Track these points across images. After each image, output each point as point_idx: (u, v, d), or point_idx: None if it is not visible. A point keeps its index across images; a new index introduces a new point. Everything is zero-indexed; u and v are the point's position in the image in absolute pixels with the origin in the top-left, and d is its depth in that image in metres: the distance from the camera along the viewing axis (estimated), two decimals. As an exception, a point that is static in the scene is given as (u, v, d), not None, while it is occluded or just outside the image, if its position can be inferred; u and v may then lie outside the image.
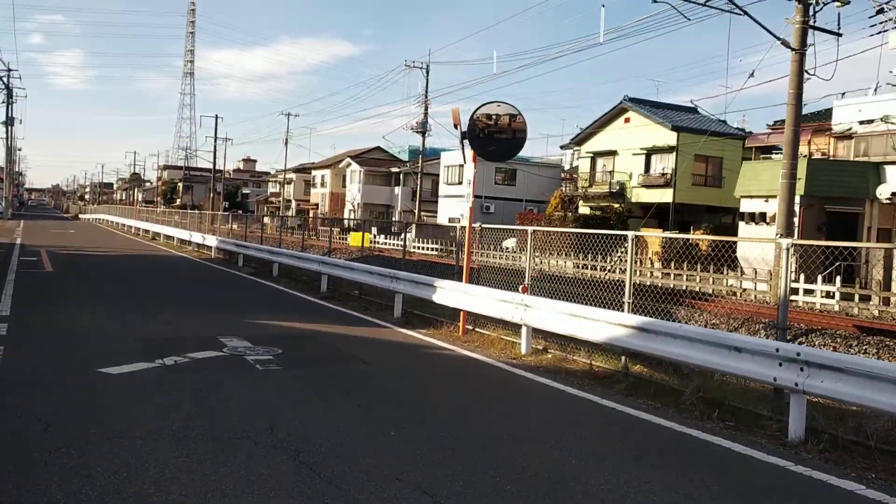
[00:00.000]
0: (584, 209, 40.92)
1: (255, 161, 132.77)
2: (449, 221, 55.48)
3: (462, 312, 11.23)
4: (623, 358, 8.48)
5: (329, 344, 10.18)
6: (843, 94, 28.74)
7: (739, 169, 37.98)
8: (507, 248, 45.45)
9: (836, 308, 20.56)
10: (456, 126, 11.71)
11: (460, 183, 58.01)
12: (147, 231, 42.38)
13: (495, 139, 11.13)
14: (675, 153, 35.67)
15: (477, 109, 11.09)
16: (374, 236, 49.42)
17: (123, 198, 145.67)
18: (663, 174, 36.62)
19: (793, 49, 16.02)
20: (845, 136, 28.21)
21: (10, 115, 58.15)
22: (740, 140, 37.14)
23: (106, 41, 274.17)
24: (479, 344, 10.49)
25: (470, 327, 11.36)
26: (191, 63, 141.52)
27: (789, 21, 16.21)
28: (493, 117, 11.06)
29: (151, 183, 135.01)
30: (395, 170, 68.07)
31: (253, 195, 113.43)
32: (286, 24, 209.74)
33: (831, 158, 28.95)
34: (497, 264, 32.73)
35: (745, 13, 15.77)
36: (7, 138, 63.68)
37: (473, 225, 11.99)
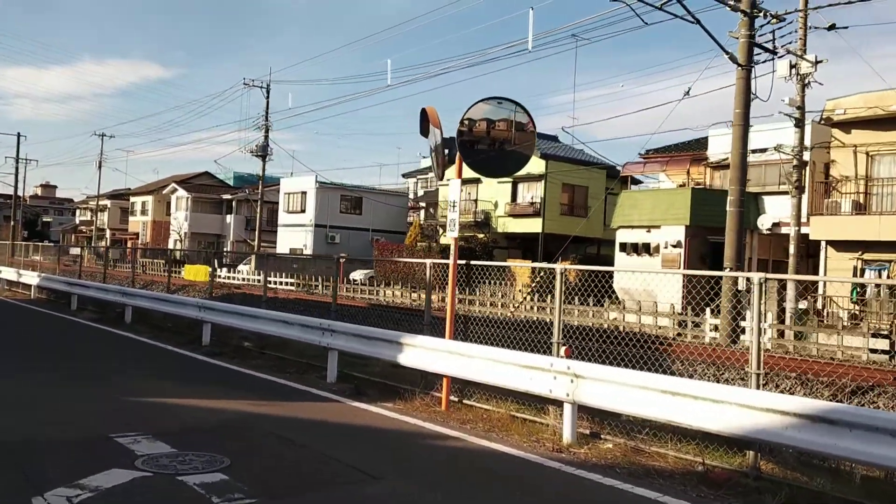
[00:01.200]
0: (445, 239, 38.88)
1: (55, 187, 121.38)
2: (290, 252, 51.73)
3: (445, 380, 8.37)
4: (750, 453, 6.01)
5: (286, 439, 6.94)
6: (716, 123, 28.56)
7: (603, 199, 37.64)
8: (356, 281, 42.51)
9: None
10: (425, 131, 8.94)
11: (302, 211, 54.46)
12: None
13: (492, 146, 8.43)
14: (543, 181, 34.48)
15: (469, 109, 8.35)
16: (216, 269, 44.65)
17: None
18: (532, 203, 35.32)
19: (740, 65, 14.66)
20: (721, 165, 28.02)
21: None
22: (603, 169, 36.67)
23: None
24: (481, 425, 7.67)
25: (454, 398, 8.52)
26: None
27: (733, 35, 14.89)
28: (490, 120, 8.37)
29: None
30: (226, 197, 63.14)
31: (56, 224, 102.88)
32: (88, 43, 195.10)
33: (708, 188, 28.70)
34: (358, 299, 29.74)
35: (698, 21, 14.21)
36: None
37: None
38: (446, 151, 8.51)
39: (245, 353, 12.32)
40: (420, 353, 8.49)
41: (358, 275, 43.18)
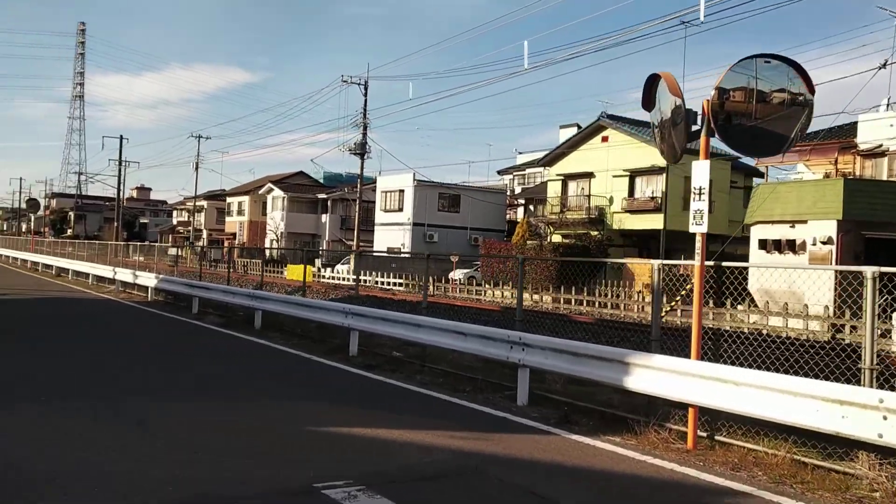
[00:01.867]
0: (554, 237, 37.12)
1: (149, 189, 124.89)
2: (388, 251, 50.71)
3: (692, 411, 6.71)
4: None
5: (527, 491, 5.41)
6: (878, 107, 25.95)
7: (728, 192, 35.16)
8: (457, 280, 41.07)
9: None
10: (650, 102, 7.28)
11: (400, 210, 53.47)
12: (49, 266, 35.78)
13: (753, 119, 6.67)
14: (664, 175, 32.30)
15: (727, 71, 6.61)
16: (319, 269, 44.18)
17: (5, 228, 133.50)
18: (652, 198, 33.17)
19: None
20: (875, 153, 25.43)
21: None
22: (728, 160, 34.19)
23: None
24: (759, 472, 5.99)
25: (702, 434, 6.86)
26: (80, 86, 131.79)
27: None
28: (750, 87, 6.62)
29: (36, 212, 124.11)
30: (321, 196, 62.85)
31: (152, 225, 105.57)
32: (177, 50, 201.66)
33: (862, 178, 26.08)
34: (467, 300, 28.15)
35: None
36: None
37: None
38: (683, 126, 6.81)
39: (402, 365, 10.92)
40: (657, 376, 6.85)
41: (458, 274, 41.82)
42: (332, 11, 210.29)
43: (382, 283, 40.49)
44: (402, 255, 47.79)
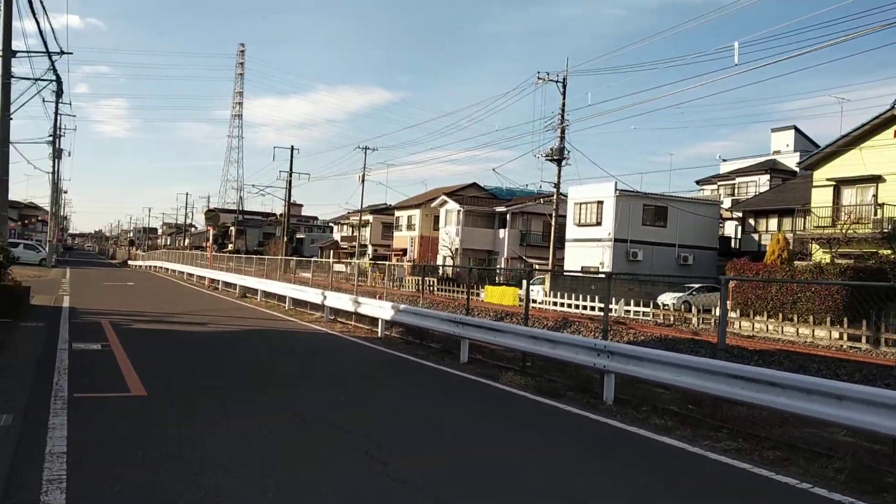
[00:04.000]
0: (820, 256, 29.94)
1: (301, 205, 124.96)
2: (581, 270, 44.37)
3: None
4: None
5: None
6: None
7: None
8: (666, 305, 34.50)
9: None
10: None
11: (598, 224, 47.24)
12: (230, 285, 32.19)
13: None
14: None
15: None
16: (545, 293, 38.69)
17: (168, 243, 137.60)
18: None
19: None
20: None
21: (56, 137, 48.83)
22: None
23: (148, 89, 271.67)
24: None
25: None
26: (239, 105, 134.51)
27: None
28: None
29: (197, 227, 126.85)
30: (499, 209, 57.75)
31: (308, 241, 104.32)
32: (322, 73, 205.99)
33: None
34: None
35: None
36: (53, 172, 54.58)
37: None
38: None
39: None
40: None
41: (667, 298, 35.25)
42: (469, 31, 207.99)
43: (576, 305, 34.69)
44: (625, 276, 41.57)
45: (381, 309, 16.16)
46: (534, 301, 36.89)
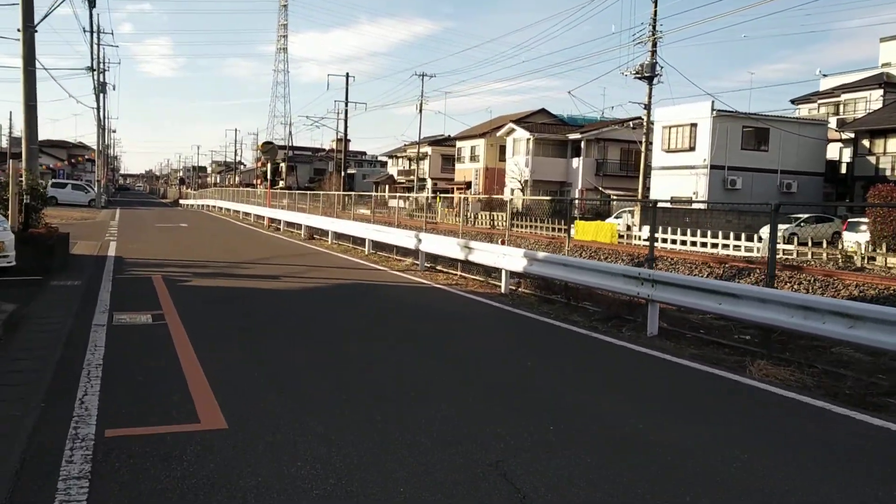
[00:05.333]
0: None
1: (350, 140, 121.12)
2: (671, 202, 39.82)
3: None
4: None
5: None
6: None
7: None
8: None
9: None
10: None
11: (691, 149, 42.31)
12: (293, 225, 28.84)
13: None
14: None
15: None
16: (630, 227, 34.70)
17: (218, 181, 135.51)
18: None
19: None
20: None
21: (96, 60, 45.49)
22: None
23: (193, 25, 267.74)
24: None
25: None
26: (284, 38, 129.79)
27: None
28: None
29: (245, 165, 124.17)
30: (572, 136, 53.21)
31: (359, 176, 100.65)
32: (365, 4, 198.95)
33: None
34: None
35: None
36: (98, 108, 51.51)
37: None
38: None
39: None
40: None
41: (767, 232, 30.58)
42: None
43: (675, 240, 30.57)
44: (717, 206, 37.24)
45: (505, 257, 12.41)
46: (621, 235, 32.97)
